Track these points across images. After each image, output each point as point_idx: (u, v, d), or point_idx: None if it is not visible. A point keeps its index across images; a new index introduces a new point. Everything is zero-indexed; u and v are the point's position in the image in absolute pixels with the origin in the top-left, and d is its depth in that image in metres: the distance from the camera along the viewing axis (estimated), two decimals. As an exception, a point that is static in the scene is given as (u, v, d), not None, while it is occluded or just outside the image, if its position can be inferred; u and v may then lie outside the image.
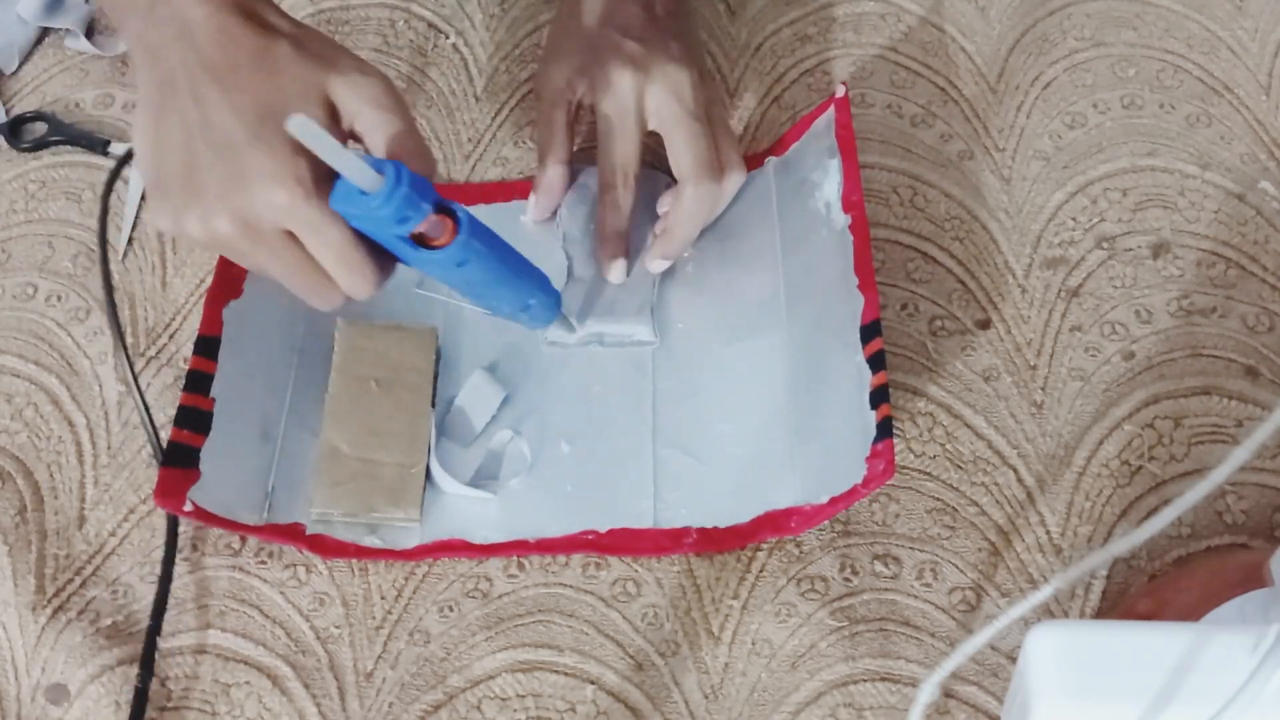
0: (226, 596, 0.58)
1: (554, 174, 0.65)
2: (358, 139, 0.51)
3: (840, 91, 0.65)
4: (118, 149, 0.73)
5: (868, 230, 0.60)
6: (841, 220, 0.62)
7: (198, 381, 0.59)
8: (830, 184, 0.63)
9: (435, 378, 0.63)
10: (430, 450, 0.60)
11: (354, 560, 0.59)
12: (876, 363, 0.56)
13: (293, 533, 0.58)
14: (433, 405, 0.62)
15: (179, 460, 0.57)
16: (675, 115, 0.62)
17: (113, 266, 0.68)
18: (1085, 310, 0.65)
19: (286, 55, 0.49)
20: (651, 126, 0.63)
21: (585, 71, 0.64)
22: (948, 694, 0.55)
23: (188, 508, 0.56)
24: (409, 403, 0.62)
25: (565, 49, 0.66)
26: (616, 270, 0.64)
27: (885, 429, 0.54)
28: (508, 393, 0.63)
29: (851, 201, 0.61)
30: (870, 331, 0.58)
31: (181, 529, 0.60)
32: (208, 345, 0.60)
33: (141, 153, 0.50)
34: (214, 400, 0.59)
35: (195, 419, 0.58)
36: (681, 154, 0.62)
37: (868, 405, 0.56)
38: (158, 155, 0.49)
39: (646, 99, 0.62)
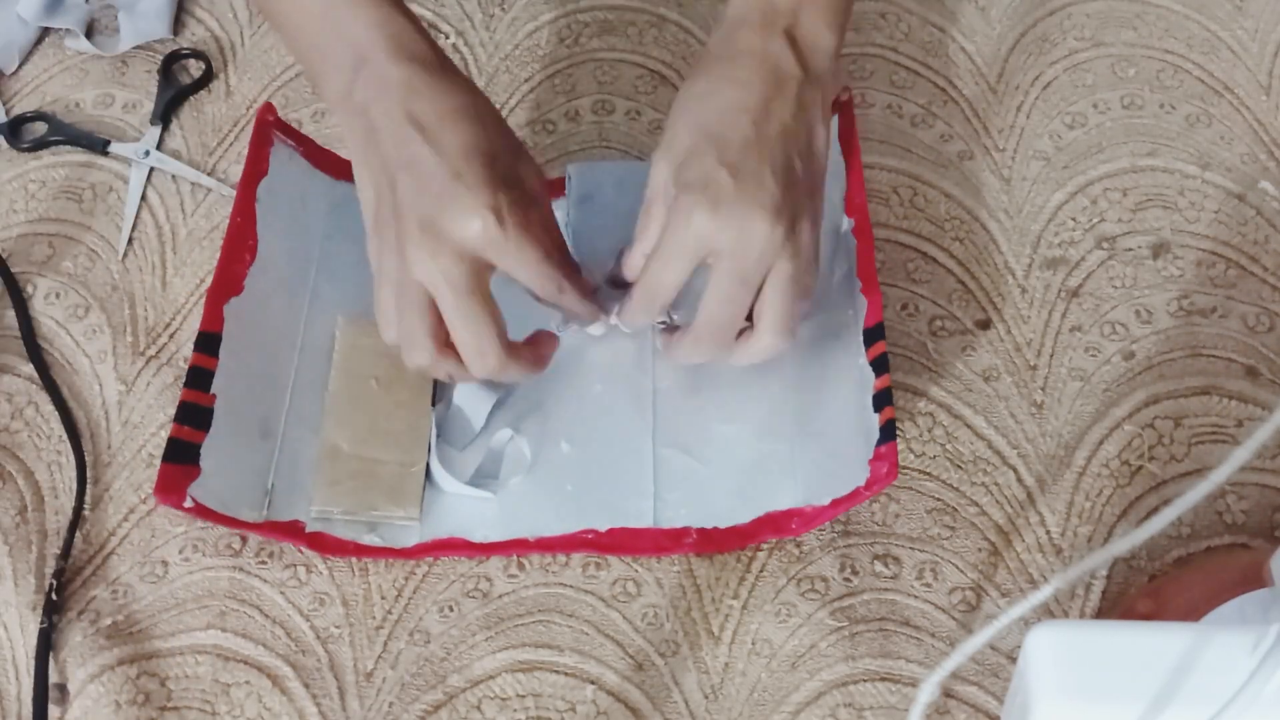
0: (227, 596, 0.58)
1: (638, 259, 0.59)
2: None
3: (843, 96, 0.65)
4: (118, 149, 0.73)
5: (871, 233, 0.60)
6: (845, 223, 0.62)
7: (198, 378, 0.59)
8: (834, 187, 0.63)
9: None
10: (431, 449, 0.60)
11: (354, 560, 0.59)
12: (880, 366, 0.56)
13: (292, 530, 0.58)
14: (433, 404, 0.62)
15: (179, 456, 0.57)
16: (779, 288, 0.55)
17: (112, 266, 0.69)
18: (1085, 310, 0.65)
19: (488, 111, 0.55)
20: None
21: (678, 181, 0.55)
22: (948, 694, 0.55)
23: (188, 504, 0.56)
24: (409, 401, 0.62)
25: (678, 140, 0.56)
26: None
27: (889, 432, 0.54)
28: (501, 394, 0.63)
29: (855, 205, 0.61)
30: (873, 335, 0.58)
31: (182, 529, 0.60)
32: (208, 341, 0.60)
33: (363, 198, 0.55)
34: (214, 396, 0.59)
35: (196, 415, 0.58)
36: (767, 314, 0.55)
37: (870, 408, 0.56)
38: (369, 200, 0.55)
39: (715, 244, 0.54)
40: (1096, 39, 0.75)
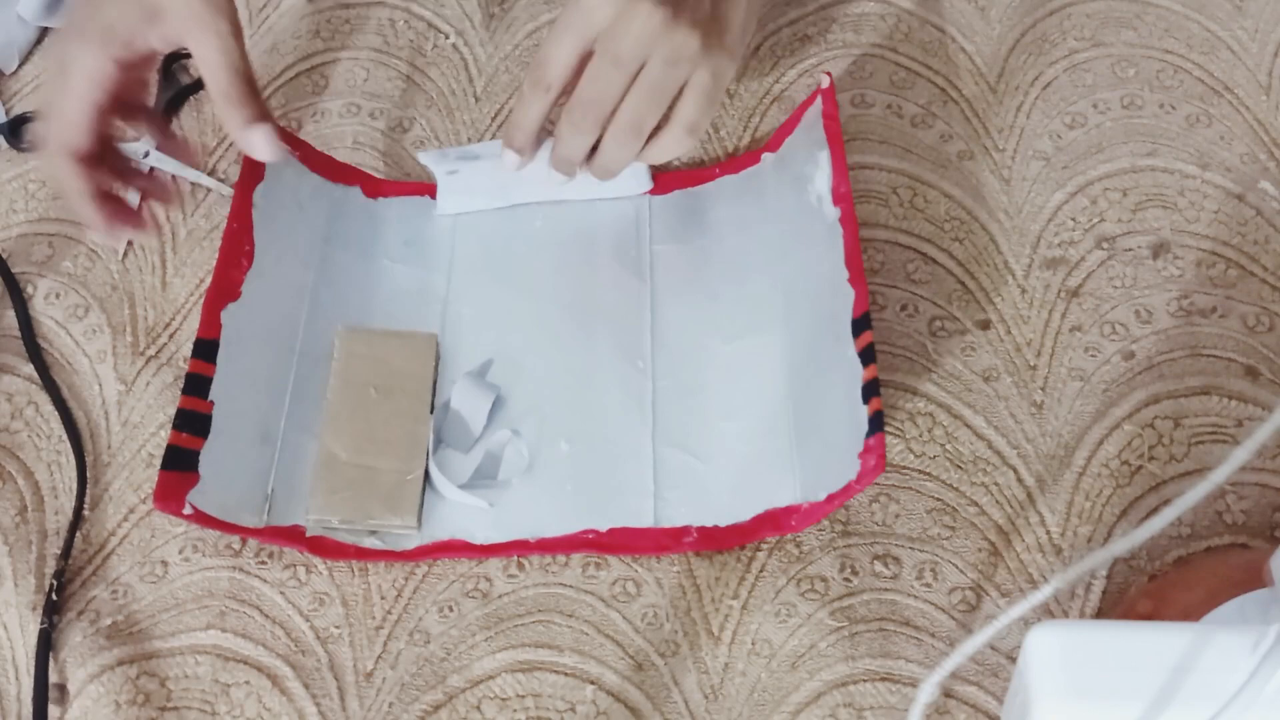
0: (226, 596, 0.58)
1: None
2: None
3: (825, 82, 0.65)
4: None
5: (856, 223, 0.60)
6: (832, 214, 0.61)
7: (196, 385, 0.59)
8: (821, 177, 0.63)
9: (434, 384, 0.63)
10: (429, 455, 0.60)
11: (354, 560, 0.59)
12: (867, 356, 0.56)
13: (293, 535, 0.58)
14: (431, 411, 0.62)
15: (178, 464, 0.57)
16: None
17: (112, 266, 0.69)
18: (1085, 310, 0.65)
19: None
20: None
21: None
22: (948, 694, 0.55)
23: (187, 511, 0.56)
24: (408, 409, 0.61)
25: None
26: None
27: (876, 423, 0.54)
28: (498, 393, 0.63)
29: (840, 194, 0.61)
30: (860, 325, 0.57)
31: (182, 529, 0.60)
32: (206, 348, 0.60)
33: None
34: (213, 403, 0.59)
35: (194, 422, 0.58)
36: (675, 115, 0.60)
37: (860, 400, 0.56)
38: None
39: (598, 20, 0.58)
40: (1096, 39, 0.75)
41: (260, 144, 0.59)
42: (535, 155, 0.64)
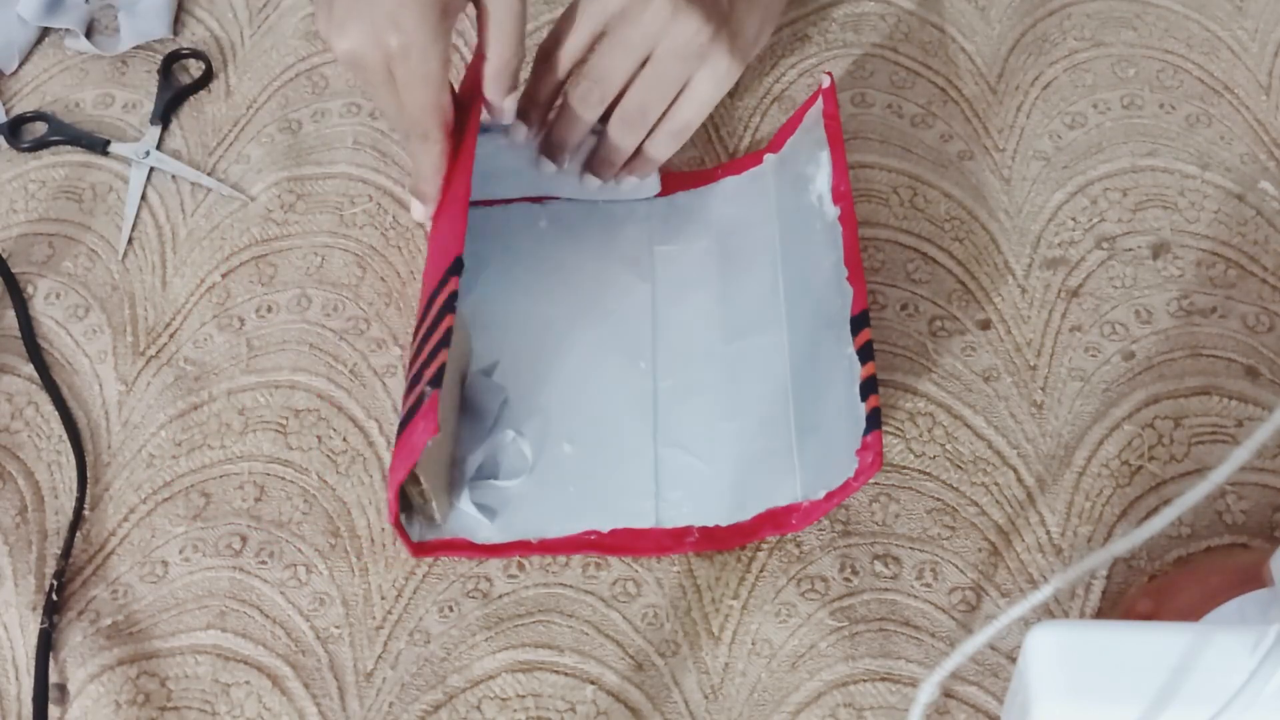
0: (227, 596, 0.58)
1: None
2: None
3: (825, 82, 0.65)
4: (118, 149, 0.73)
5: (855, 221, 0.60)
6: (832, 212, 0.61)
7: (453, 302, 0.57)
8: (822, 176, 0.63)
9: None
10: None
11: (354, 560, 0.59)
12: (865, 354, 0.56)
13: (395, 476, 0.55)
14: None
15: (438, 381, 0.54)
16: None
17: (112, 266, 0.69)
18: (1085, 310, 0.65)
19: None
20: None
21: None
22: (948, 694, 0.55)
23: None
24: (452, 402, 0.60)
25: None
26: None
27: (874, 420, 0.54)
28: (506, 394, 0.63)
29: (840, 192, 0.61)
30: (859, 323, 0.57)
31: (182, 529, 0.60)
32: (459, 266, 0.58)
33: None
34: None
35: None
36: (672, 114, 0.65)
37: (859, 398, 0.56)
38: None
39: (613, 6, 0.61)
40: (1096, 39, 0.75)
41: (510, 111, 0.64)
42: (543, 133, 0.65)
